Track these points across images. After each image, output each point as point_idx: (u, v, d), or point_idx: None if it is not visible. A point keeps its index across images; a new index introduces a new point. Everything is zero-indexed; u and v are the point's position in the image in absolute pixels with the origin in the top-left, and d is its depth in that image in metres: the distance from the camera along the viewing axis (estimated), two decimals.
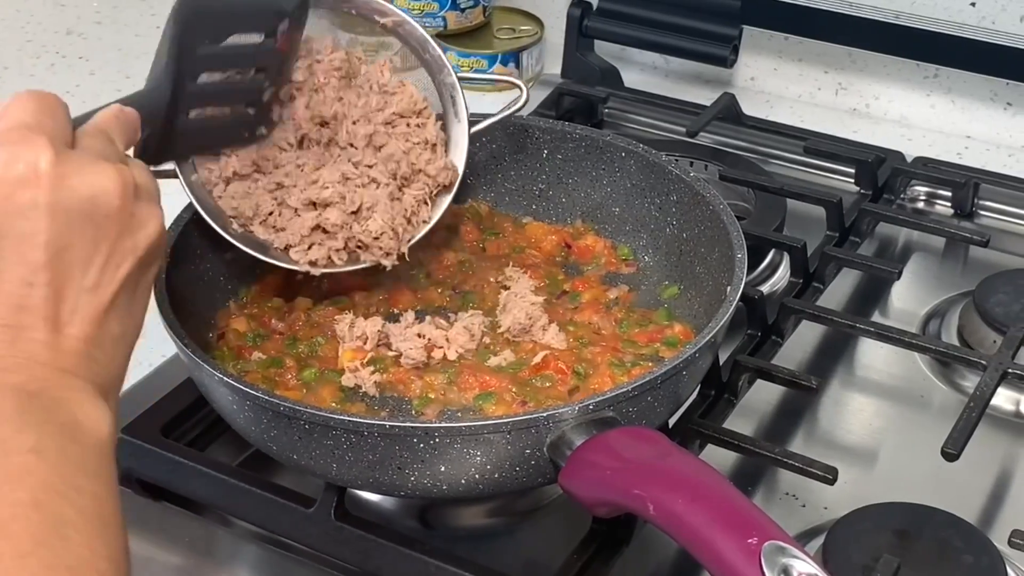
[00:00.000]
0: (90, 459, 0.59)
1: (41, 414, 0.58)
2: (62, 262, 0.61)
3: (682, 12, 1.32)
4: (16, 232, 0.61)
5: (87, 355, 0.62)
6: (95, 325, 0.63)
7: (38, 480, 0.56)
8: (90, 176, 0.62)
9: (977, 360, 0.95)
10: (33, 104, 0.64)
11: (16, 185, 0.61)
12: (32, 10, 1.54)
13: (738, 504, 0.67)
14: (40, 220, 0.61)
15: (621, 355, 0.90)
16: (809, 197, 1.14)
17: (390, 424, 0.74)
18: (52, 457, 0.57)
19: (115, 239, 0.63)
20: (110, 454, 0.61)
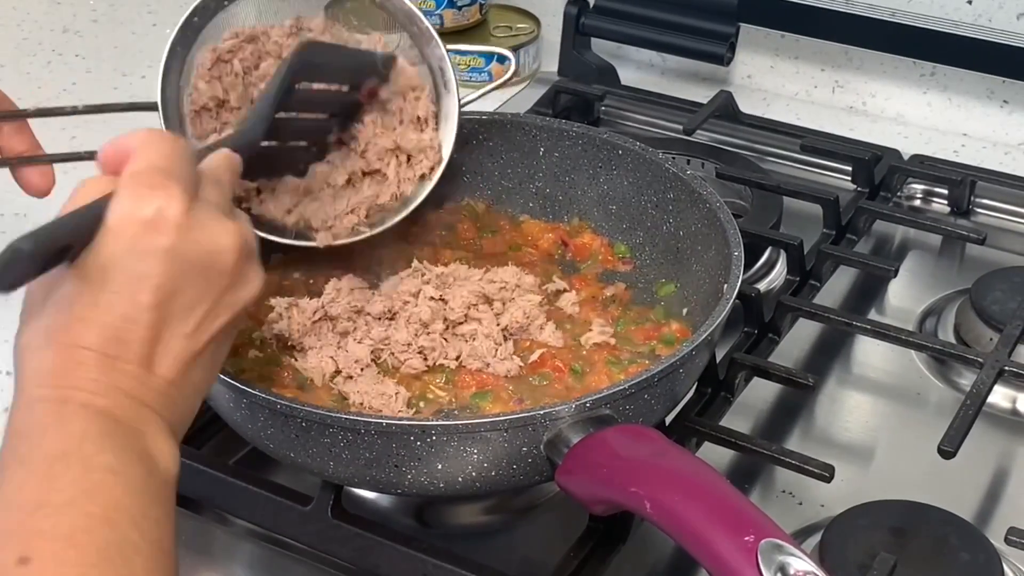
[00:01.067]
0: (158, 490, 0.61)
1: (121, 439, 0.61)
2: (168, 307, 0.63)
3: (679, 10, 1.32)
4: (132, 271, 0.62)
5: (168, 396, 0.64)
6: (182, 370, 0.65)
7: (112, 498, 0.58)
8: (214, 232, 0.65)
9: (973, 358, 0.95)
10: (167, 148, 0.65)
11: (143, 227, 0.62)
12: (28, 8, 1.54)
13: (735, 502, 0.67)
14: (157, 265, 0.63)
15: (618, 353, 0.90)
16: (806, 195, 1.14)
17: (387, 422, 0.74)
18: (126, 480, 0.59)
19: (221, 293, 0.66)
20: (172, 491, 0.63)
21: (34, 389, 0.61)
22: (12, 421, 0.61)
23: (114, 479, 0.59)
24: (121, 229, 0.62)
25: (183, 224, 0.63)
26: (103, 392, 0.61)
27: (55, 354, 0.62)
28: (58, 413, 0.60)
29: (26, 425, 0.60)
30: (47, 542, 0.55)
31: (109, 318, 0.62)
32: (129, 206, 0.63)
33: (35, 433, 0.60)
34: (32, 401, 0.61)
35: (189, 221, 0.63)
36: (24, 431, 0.60)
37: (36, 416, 0.60)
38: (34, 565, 0.54)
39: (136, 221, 0.62)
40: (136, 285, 0.62)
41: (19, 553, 0.54)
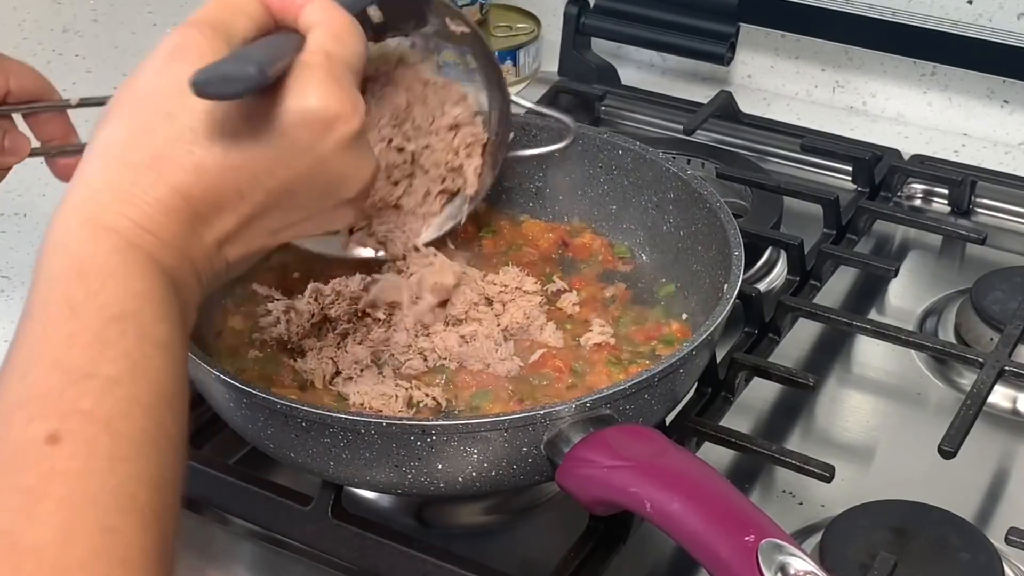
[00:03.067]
0: (187, 372, 0.59)
1: (177, 310, 0.58)
2: (279, 202, 0.63)
3: (679, 10, 1.32)
4: (278, 153, 0.61)
5: (215, 276, 0.63)
6: (241, 261, 0.64)
7: (158, 381, 0.54)
8: (360, 163, 0.65)
9: (974, 358, 0.95)
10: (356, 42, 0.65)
11: (316, 126, 0.62)
12: (28, 8, 1.54)
13: (735, 502, 0.67)
14: (302, 163, 0.62)
15: (618, 353, 0.90)
16: (806, 195, 1.14)
17: (387, 422, 0.74)
18: (173, 360, 0.56)
19: (323, 212, 0.65)
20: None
21: (109, 209, 0.57)
22: (65, 234, 0.56)
23: (163, 358, 0.55)
24: (297, 115, 0.61)
25: (347, 144, 0.63)
26: (175, 251, 0.58)
27: (152, 184, 0.58)
28: (125, 259, 0.56)
29: (86, 256, 0.55)
30: (83, 423, 0.50)
31: (225, 182, 0.60)
32: (317, 100, 0.62)
33: (95, 276, 0.55)
34: (101, 227, 0.57)
35: (351, 143, 0.63)
36: (83, 264, 0.55)
37: (101, 252, 0.56)
38: (64, 447, 0.49)
39: (314, 117, 0.62)
40: (271, 167, 0.61)
41: (52, 428, 0.50)
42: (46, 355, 0.52)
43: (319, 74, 0.62)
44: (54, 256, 0.56)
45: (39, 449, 0.49)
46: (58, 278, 0.55)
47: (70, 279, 0.55)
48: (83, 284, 0.54)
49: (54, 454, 0.49)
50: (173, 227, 0.58)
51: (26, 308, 0.55)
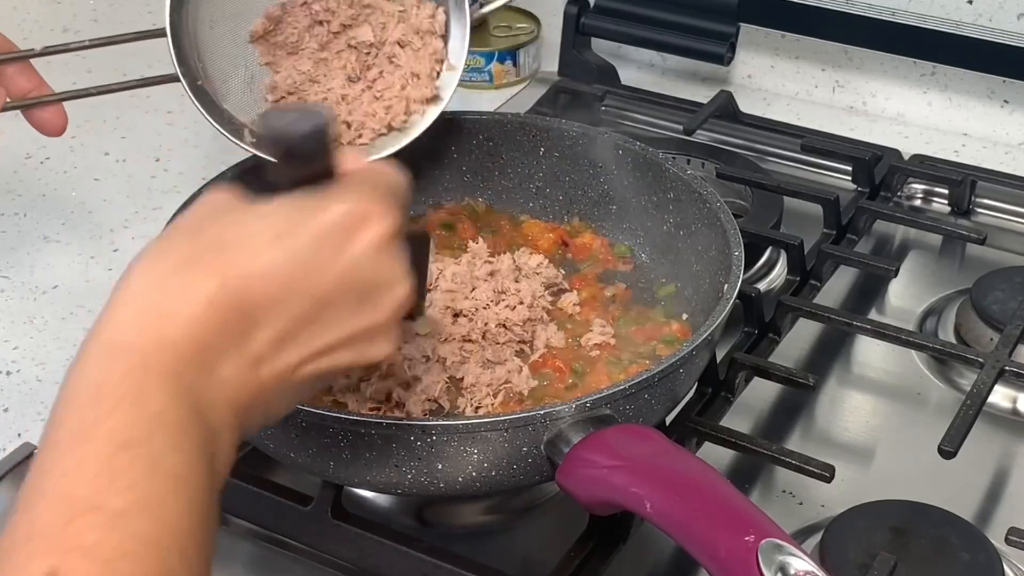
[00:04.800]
0: (213, 503, 0.54)
1: (198, 436, 0.53)
2: (309, 310, 0.59)
3: (679, 10, 1.32)
4: (312, 258, 0.59)
5: (253, 404, 0.58)
6: (278, 386, 0.59)
7: (169, 517, 0.51)
8: (396, 269, 0.62)
9: (974, 358, 0.95)
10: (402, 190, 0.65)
11: (347, 225, 0.60)
12: (28, 7, 1.54)
13: (735, 502, 0.67)
14: (338, 265, 0.59)
15: (618, 353, 0.90)
16: (806, 195, 1.14)
17: (387, 422, 0.74)
18: (189, 492, 0.52)
19: (362, 330, 0.61)
20: (220, 503, 0.56)
21: (128, 327, 0.54)
22: (84, 356, 0.53)
23: (177, 490, 0.51)
24: (330, 215, 0.59)
25: (380, 244, 0.60)
26: (198, 371, 0.54)
27: (176, 294, 0.55)
28: (141, 380, 0.52)
29: (101, 378, 0.52)
30: (84, 562, 0.47)
31: (258, 290, 0.56)
32: (349, 202, 0.60)
33: (107, 398, 0.51)
34: (118, 348, 0.53)
35: (386, 245, 0.61)
36: (98, 386, 0.52)
37: (117, 373, 0.52)
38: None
39: (346, 216, 0.59)
40: (305, 273, 0.58)
41: (51, 565, 0.47)
42: (52, 485, 0.50)
43: (355, 182, 0.62)
44: (72, 378, 0.53)
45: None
46: (72, 402, 0.52)
47: (83, 403, 0.52)
48: (95, 407, 0.51)
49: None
50: (198, 337, 0.54)
51: (43, 433, 0.52)
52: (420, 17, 0.95)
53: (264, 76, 0.96)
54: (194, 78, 0.91)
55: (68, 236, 1.15)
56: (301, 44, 0.95)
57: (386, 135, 0.95)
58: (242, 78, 0.95)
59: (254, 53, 0.95)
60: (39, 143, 1.25)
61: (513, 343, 0.89)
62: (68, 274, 1.10)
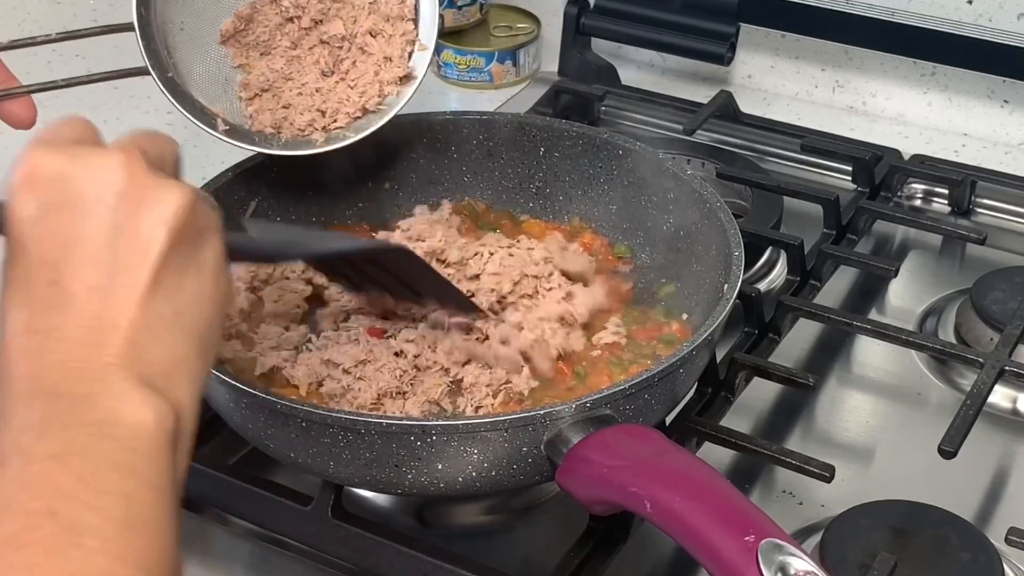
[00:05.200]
0: (125, 456, 0.55)
1: (67, 416, 0.56)
2: (83, 253, 0.59)
3: (679, 10, 1.32)
4: (33, 237, 0.59)
5: (129, 344, 0.58)
6: (135, 310, 0.59)
7: (54, 486, 0.53)
8: (90, 163, 0.60)
9: (974, 358, 0.95)
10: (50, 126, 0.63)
11: (20, 192, 0.59)
12: (28, 8, 1.54)
13: (735, 502, 0.67)
14: (49, 221, 0.59)
15: (620, 353, 0.90)
16: (806, 195, 1.14)
17: (387, 422, 0.74)
18: (75, 461, 0.54)
19: (133, 218, 0.59)
20: (158, 448, 0.57)
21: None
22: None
23: (58, 465, 0.53)
24: (8, 211, 0.59)
25: (48, 173, 0.59)
26: (44, 370, 0.57)
27: (2, 357, 0.58)
28: (3, 415, 0.56)
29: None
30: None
31: (35, 291, 0.58)
32: (10, 180, 0.60)
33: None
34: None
35: (53, 168, 0.59)
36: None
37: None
38: None
39: (12, 191, 0.59)
40: (42, 248, 0.58)
41: None
42: None
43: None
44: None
45: None
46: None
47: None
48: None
49: None
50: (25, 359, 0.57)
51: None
52: (390, 4, 0.95)
53: (238, 76, 0.95)
54: (164, 70, 0.91)
55: None
56: (272, 43, 0.95)
57: (362, 118, 0.95)
58: (215, 78, 0.94)
59: (227, 54, 0.95)
60: None
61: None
62: None
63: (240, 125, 0.93)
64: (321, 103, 0.94)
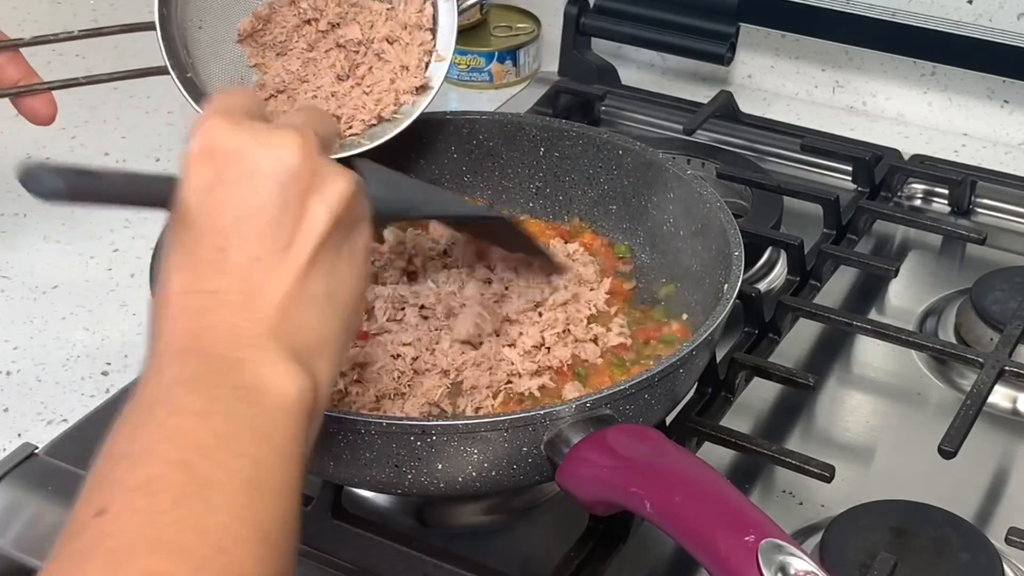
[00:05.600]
0: (263, 422, 0.58)
1: (217, 376, 0.59)
2: (253, 225, 0.62)
3: (679, 10, 1.32)
4: (206, 206, 0.62)
5: (284, 316, 0.62)
6: (293, 284, 0.62)
7: (192, 441, 0.56)
8: (268, 140, 0.63)
9: (974, 358, 0.95)
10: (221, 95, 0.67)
11: (194, 163, 0.63)
12: (28, 8, 1.54)
13: (735, 502, 0.67)
14: (224, 192, 0.62)
15: (622, 354, 0.90)
16: (806, 195, 1.14)
17: (387, 422, 0.74)
18: (216, 420, 0.57)
19: (303, 198, 0.63)
20: (295, 419, 0.60)
21: (149, 352, 0.62)
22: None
23: (198, 421, 0.57)
24: (183, 172, 0.63)
25: (231, 147, 0.63)
26: (204, 330, 0.60)
27: (161, 313, 0.62)
28: (157, 365, 0.60)
29: (136, 387, 0.60)
30: (121, 492, 0.54)
31: (203, 254, 0.62)
32: (187, 149, 0.63)
33: (137, 389, 0.59)
34: (145, 360, 0.61)
35: (238, 140, 0.63)
36: (133, 393, 0.59)
37: (143, 375, 0.60)
38: (108, 515, 0.53)
39: (189, 160, 0.63)
40: (213, 215, 0.62)
41: (97, 505, 0.54)
42: (99, 455, 0.57)
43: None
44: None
45: (91, 523, 0.53)
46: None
47: (127, 404, 0.59)
48: (131, 399, 0.59)
49: (100, 522, 0.53)
50: (185, 322, 0.61)
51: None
52: (408, 12, 0.96)
53: (254, 76, 0.96)
54: (183, 71, 0.91)
55: (68, 236, 1.15)
56: (289, 44, 0.96)
57: (376, 125, 0.95)
58: (231, 78, 0.95)
59: (243, 54, 0.96)
60: (39, 143, 1.25)
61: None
62: (68, 274, 1.10)
63: None
64: (336, 108, 0.94)
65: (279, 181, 0.63)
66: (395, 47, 0.95)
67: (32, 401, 0.97)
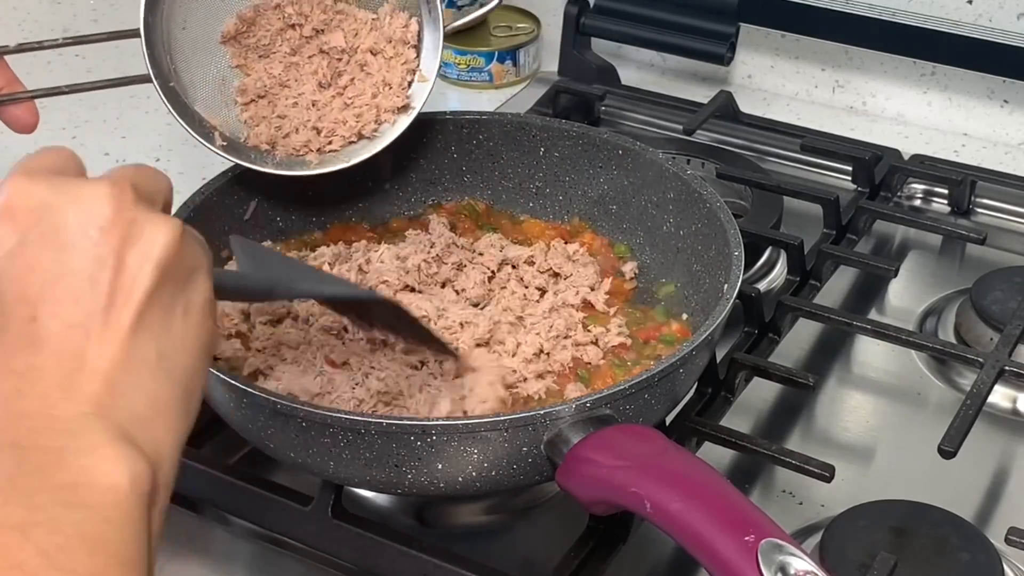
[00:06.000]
0: (94, 528, 0.51)
1: (36, 478, 0.51)
2: (65, 288, 0.55)
3: (679, 10, 1.32)
4: (11, 273, 0.55)
5: (110, 388, 0.55)
6: (119, 350, 0.55)
7: (17, 564, 0.49)
8: (75, 194, 0.57)
9: (974, 358, 0.95)
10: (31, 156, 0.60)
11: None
12: (29, 8, 1.54)
13: (735, 502, 0.67)
14: (29, 255, 0.55)
15: (623, 354, 0.90)
16: (806, 195, 1.14)
17: (387, 422, 0.74)
18: (40, 534, 0.50)
19: (120, 253, 0.56)
20: (130, 514, 0.52)
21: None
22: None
23: (21, 538, 0.49)
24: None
25: (28, 205, 0.56)
26: (12, 422, 0.53)
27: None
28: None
29: None
30: None
31: (13, 328, 0.54)
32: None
33: None
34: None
35: (34, 200, 0.56)
36: None
37: None
38: None
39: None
40: (21, 282, 0.55)
41: None
42: None
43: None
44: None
45: None
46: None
47: None
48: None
49: None
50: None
51: None
52: (393, 26, 0.95)
53: (235, 79, 0.96)
54: (166, 79, 0.91)
55: None
56: (273, 47, 0.96)
57: (356, 143, 0.95)
58: (213, 79, 0.95)
59: (226, 54, 0.96)
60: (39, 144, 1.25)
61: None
62: None
63: (236, 138, 0.94)
64: (317, 119, 0.95)
65: (89, 237, 0.56)
66: (378, 60, 0.95)
67: None
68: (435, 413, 0.81)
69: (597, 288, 0.95)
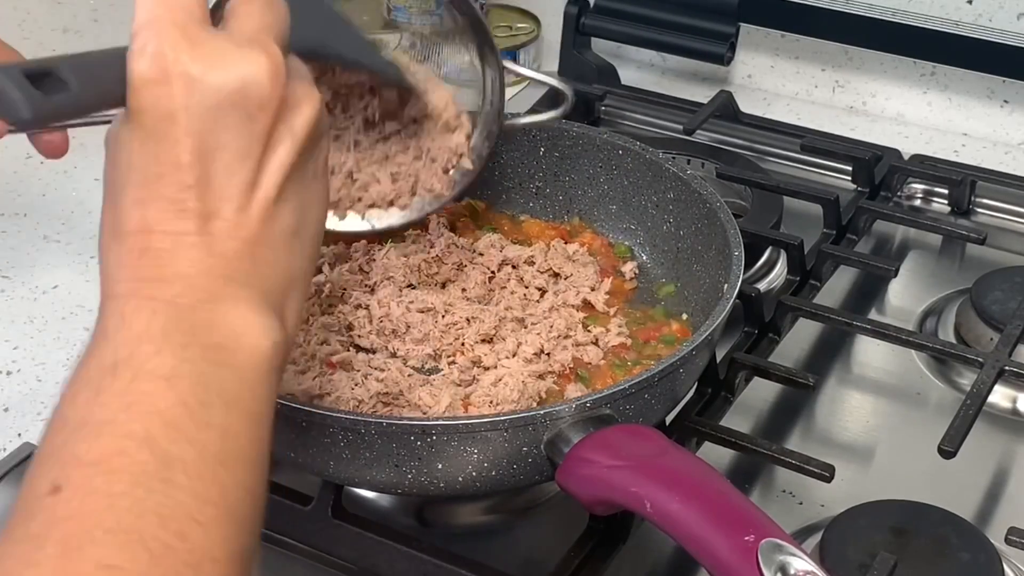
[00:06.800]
0: (233, 386, 0.55)
1: (186, 335, 0.55)
2: (215, 161, 0.57)
3: (679, 10, 1.32)
4: (166, 135, 0.57)
5: (252, 257, 0.58)
6: (260, 222, 0.58)
7: (157, 411, 0.52)
8: (233, 65, 0.57)
9: (974, 358, 0.95)
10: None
11: (149, 86, 0.57)
12: (29, 8, 1.54)
13: (735, 502, 0.67)
14: (182, 122, 0.56)
15: (624, 354, 0.90)
16: (806, 195, 1.14)
17: (387, 422, 0.74)
18: (184, 385, 0.53)
19: (269, 128, 0.58)
20: (266, 378, 0.57)
21: (106, 289, 0.57)
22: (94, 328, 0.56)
23: (166, 387, 0.53)
24: (133, 83, 0.57)
25: (190, 71, 0.57)
26: (169, 278, 0.56)
27: (117, 247, 0.57)
28: (122, 313, 0.55)
29: (96, 331, 0.55)
30: (79, 468, 0.51)
31: (165, 191, 0.56)
32: (135, 65, 0.58)
33: (97, 341, 0.55)
34: (104, 302, 0.56)
35: (198, 63, 0.57)
36: (94, 339, 0.55)
37: (104, 320, 0.56)
38: (64, 494, 0.50)
39: (141, 76, 0.57)
40: (175, 149, 0.56)
41: (53, 480, 0.50)
42: (56, 416, 0.54)
43: (133, 39, 0.60)
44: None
45: (45, 500, 0.50)
46: (82, 355, 0.56)
47: (85, 353, 0.55)
48: (89, 351, 0.55)
49: (55, 503, 0.50)
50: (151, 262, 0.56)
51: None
52: None
53: None
54: None
55: (68, 236, 1.15)
56: None
57: (383, 209, 0.90)
58: None
59: None
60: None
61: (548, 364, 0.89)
62: (68, 274, 1.10)
63: None
64: (355, 165, 0.88)
65: (247, 113, 0.58)
66: (427, 125, 0.88)
67: (32, 401, 0.97)
68: (437, 407, 0.82)
69: (597, 288, 0.95)
